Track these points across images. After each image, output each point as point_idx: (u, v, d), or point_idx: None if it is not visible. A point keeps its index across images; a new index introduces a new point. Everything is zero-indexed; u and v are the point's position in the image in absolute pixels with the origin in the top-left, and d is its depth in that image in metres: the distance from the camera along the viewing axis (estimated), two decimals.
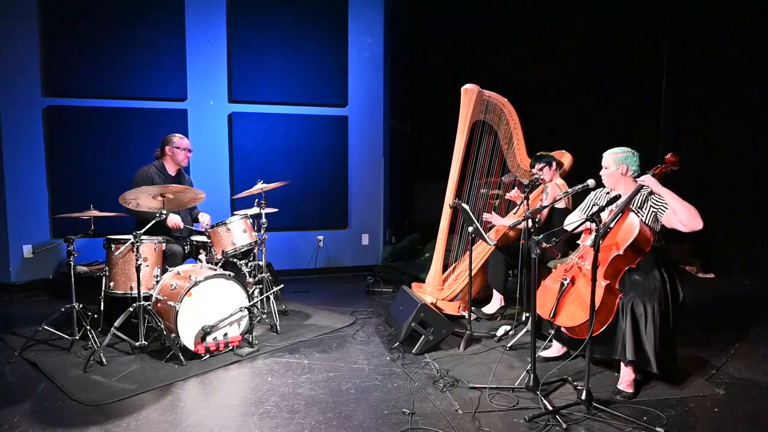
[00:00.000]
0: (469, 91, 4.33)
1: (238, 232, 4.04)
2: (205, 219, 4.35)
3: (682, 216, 2.83)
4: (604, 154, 3.18)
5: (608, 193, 3.25)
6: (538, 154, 4.22)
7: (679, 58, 6.10)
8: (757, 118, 5.68)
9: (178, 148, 4.24)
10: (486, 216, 4.31)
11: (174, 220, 4.05)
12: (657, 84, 6.22)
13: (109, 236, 3.77)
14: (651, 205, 3.00)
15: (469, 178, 4.52)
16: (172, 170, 4.29)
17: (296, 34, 5.82)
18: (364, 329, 4.12)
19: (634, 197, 3.00)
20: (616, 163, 3.12)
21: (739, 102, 5.79)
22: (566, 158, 4.45)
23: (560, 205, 4.06)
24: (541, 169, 4.14)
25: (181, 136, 4.30)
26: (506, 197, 4.39)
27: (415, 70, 7.46)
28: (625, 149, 3.13)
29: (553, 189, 4.05)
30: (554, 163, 4.16)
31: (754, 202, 5.88)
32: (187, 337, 3.39)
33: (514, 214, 4.24)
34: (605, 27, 6.37)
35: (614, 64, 6.36)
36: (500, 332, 3.87)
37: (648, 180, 2.91)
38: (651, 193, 3.02)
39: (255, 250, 4.28)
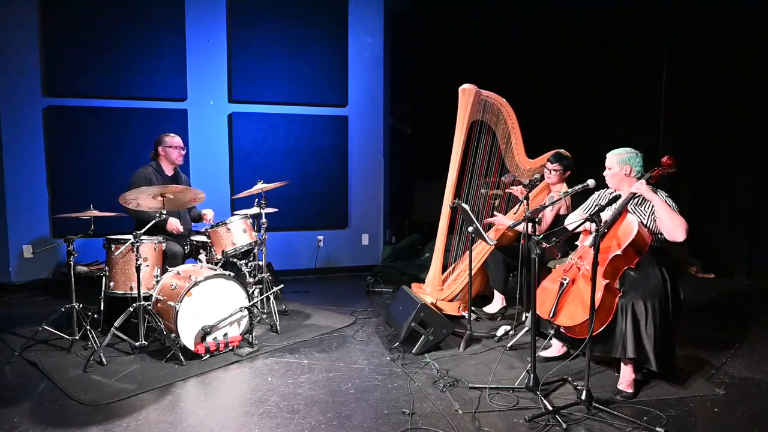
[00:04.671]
0: (466, 91, 4.33)
1: (238, 232, 4.04)
2: (209, 214, 4.34)
3: (666, 225, 2.89)
4: (608, 155, 3.19)
5: (612, 192, 3.25)
6: (561, 153, 4.21)
7: (679, 57, 6.10)
8: (758, 117, 5.68)
9: (170, 147, 4.23)
10: (489, 220, 4.30)
11: (174, 224, 4.05)
12: (657, 84, 6.22)
13: (109, 236, 3.77)
14: (651, 204, 3.00)
15: (468, 179, 4.52)
16: (168, 170, 4.28)
17: (296, 34, 5.82)
18: (364, 329, 4.12)
19: (629, 203, 3.01)
20: (620, 163, 3.12)
21: (739, 101, 5.79)
22: None
23: (564, 211, 4.06)
24: (556, 170, 4.13)
25: (172, 135, 4.28)
26: (507, 190, 4.39)
27: (415, 70, 7.46)
28: (628, 150, 3.14)
29: (555, 198, 4.04)
30: (569, 172, 4.16)
31: (754, 202, 5.88)
32: (187, 337, 3.39)
33: (514, 214, 4.24)
34: (605, 26, 6.37)
35: (614, 63, 6.36)
36: (500, 332, 3.87)
37: (640, 187, 2.93)
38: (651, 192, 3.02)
39: (255, 250, 4.28)
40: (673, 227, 2.85)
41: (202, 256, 3.95)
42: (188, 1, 5.48)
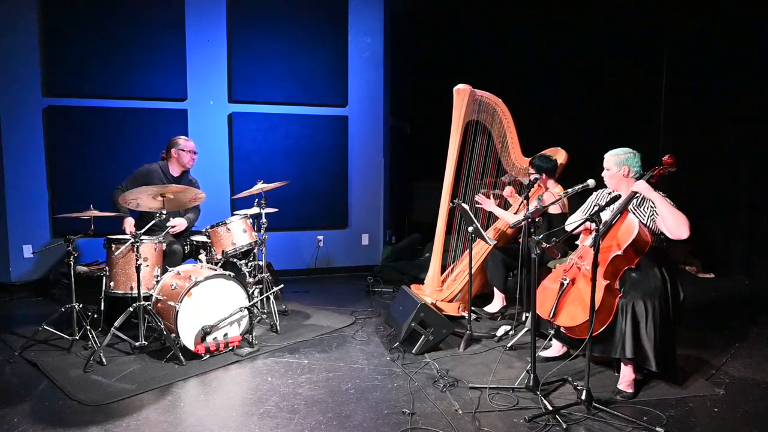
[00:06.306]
0: (461, 92, 4.33)
1: (238, 232, 4.04)
2: (177, 222, 4.16)
3: (668, 222, 2.85)
4: (606, 156, 3.18)
5: (610, 193, 3.24)
6: (544, 154, 4.22)
7: (678, 56, 6.10)
8: (758, 117, 5.68)
9: (183, 150, 4.26)
10: (478, 198, 4.29)
11: (127, 224, 4.03)
12: (657, 83, 6.22)
13: (109, 236, 3.77)
14: (650, 205, 3.00)
15: (465, 179, 4.52)
16: (175, 172, 4.29)
17: (296, 34, 5.82)
18: (364, 329, 4.12)
19: (629, 203, 3.01)
20: (618, 164, 3.12)
21: (739, 101, 5.79)
22: (561, 155, 4.44)
23: (556, 210, 4.06)
24: (530, 172, 4.15)
25: (186, 138, 4.34)
26: (501, 194, 4.39)
27: (415, 70, 7.46)
28: (626, 150, 3.13)
29: (548, 197, 4.04)
30: (544, 175, 4.15)
31: (755, 202, 5.88)
32: (187, 337, 3.39)
33: (514, 213, 4.24)
34: (605, 26, 6.37)
35: (614, 63, 6.36)
36: (500, 332, 3.87)
37: (640, 186, 2.93)
38: None
39: (255, 250, 4.28)
40: (677, 224, 2.82)
41: (202, 256, 3.95)
42: (188, 1, 5.48)
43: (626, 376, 2.95)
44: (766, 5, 5.41)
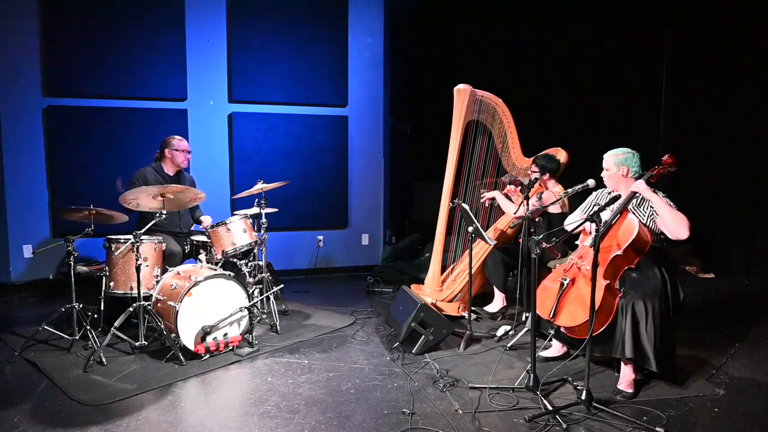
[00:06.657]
0: (461, 92, 4.33)
1: (238, 232, 4.04)
2: (206, 220, 4.38)
3: (668, 223, 2.86)
4: (605, 156, 3.19)
5: (610, 193, 3.25)
6: (547, 153, 4.22)
7: (679, 56, 6.10)
8: (758, 117, 5.68)
9: (177, 150, 4.26)
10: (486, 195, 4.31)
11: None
12: (657, 83, 6.22)
13: (109, 236, 3.77)
14: (651, 205, 3.00)
15: (465, 179, 4.52)
16: (170, 171, 4.30)
17: (296, 34, 5.82)
18: (364, 329, 4.12)
19: (629, 203, 3.01)
20: (617, 165, 3.12)
21: (739, 101, 5.79)
22: (561, 155, 4.44)
23: (556, 210, 4.06)
24: (533, 171, 4.15)
25: (179, 138, 4.32)
26: (504, 191, 4.39)
27: (415, 70, 7.46)
28: (625, 150, 3.13)
29: (548, 196, 4.04)
30: (547, 175, 4.15)
31: (755, 202, 5.88)
32: (187, 337, 3.39)
33: (514, 214, 4.24)
34: (605, 26, 6.37)
35: (614, 63, 6.36)
36: (500, 332, 3.87)
37: (639, 186, 2.93)
38: None
39: (255, 250, 4.29)
40: (676, 225, 2.83)
41: (202, 256, 3.95)
42: (188, 1, 5.48)
43: (626, 376, 2.95)
44: (766, 4, 5.41)
